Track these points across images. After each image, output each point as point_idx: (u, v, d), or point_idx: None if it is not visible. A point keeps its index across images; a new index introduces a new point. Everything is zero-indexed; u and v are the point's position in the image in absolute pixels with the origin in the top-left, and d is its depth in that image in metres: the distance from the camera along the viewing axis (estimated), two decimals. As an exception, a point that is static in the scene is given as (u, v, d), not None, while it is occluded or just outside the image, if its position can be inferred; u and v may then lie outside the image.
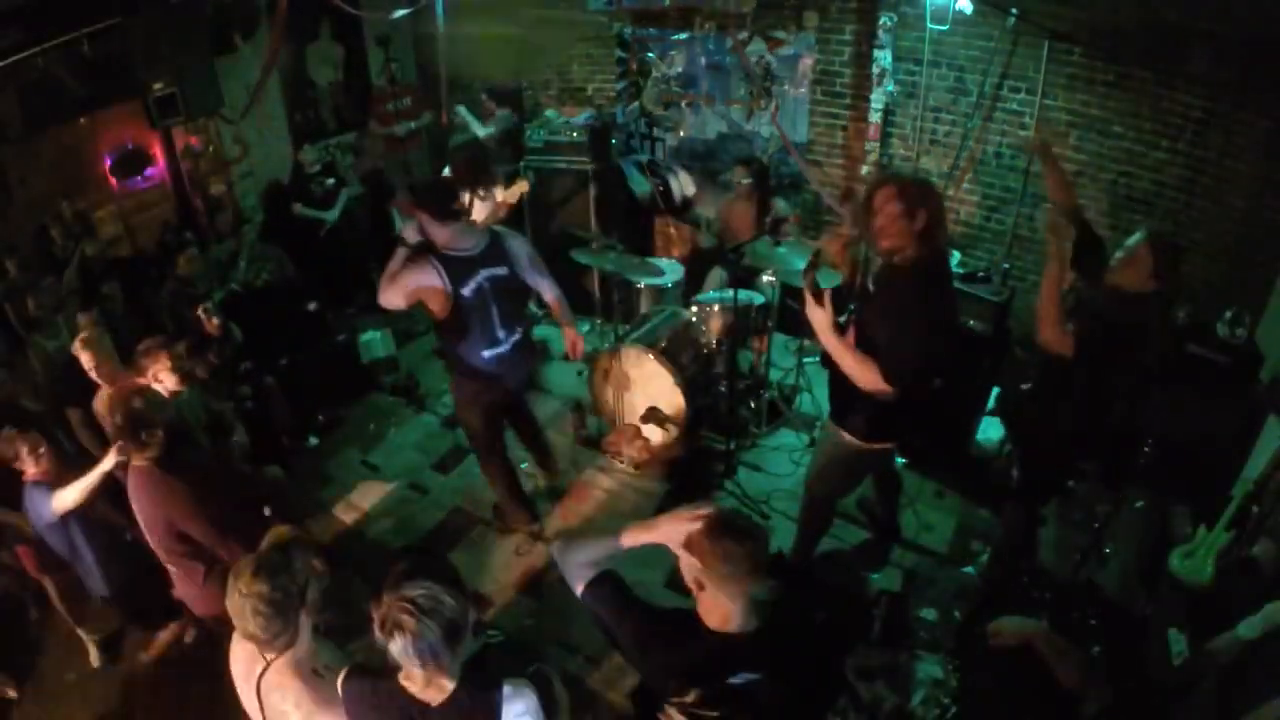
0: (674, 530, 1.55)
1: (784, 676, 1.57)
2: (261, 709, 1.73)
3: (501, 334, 2.94)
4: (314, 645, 1.79)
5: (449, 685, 1.51)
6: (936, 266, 2.49)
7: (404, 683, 1.52)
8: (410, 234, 2.81)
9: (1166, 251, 2.47)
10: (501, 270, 2.87)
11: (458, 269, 2.76)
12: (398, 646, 1.40)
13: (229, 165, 5.29)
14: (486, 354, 2.94)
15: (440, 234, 2.75)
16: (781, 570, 3.19)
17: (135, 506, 2.39)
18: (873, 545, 3.51)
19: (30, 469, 2.69)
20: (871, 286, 2.55)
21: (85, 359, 2.99)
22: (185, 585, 2.53)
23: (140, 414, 2.30)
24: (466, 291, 2.78)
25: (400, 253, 2.80)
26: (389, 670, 1.54)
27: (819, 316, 2.49)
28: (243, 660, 1.77)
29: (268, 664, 1.70)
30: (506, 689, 1.54)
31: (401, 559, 1.52)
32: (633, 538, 1.65)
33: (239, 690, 1.82)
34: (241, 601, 1.62)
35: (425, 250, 2.77)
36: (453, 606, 1.43)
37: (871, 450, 2.72)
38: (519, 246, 3.00)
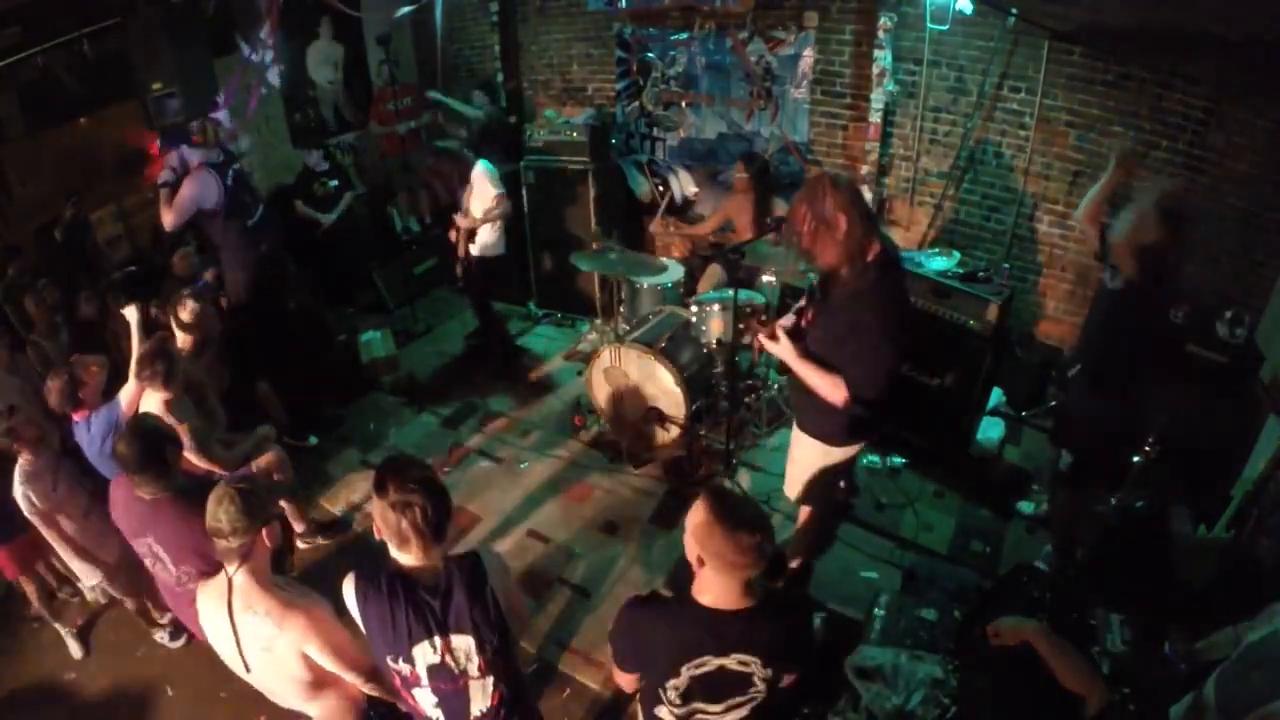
0: None
1: (777, 657, 1.59)
2: (237, 639, 1.86)
3: (253, 209, 4.11)
4: (268, 567, 1.94)
5: (439, 558, 1.68)
6: (882, 270, 2.31)
7: (400, 562, 1.67)
8: (166, 175, 3.82)
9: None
10: (239, 166, 4.11)
11: (219, 169, 3.91)
12: (408, 521, 1.58)
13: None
14: (250, 223, 4.07)
15: (195, 157, 3.88)
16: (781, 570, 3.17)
17: (155, 537, 2.26)
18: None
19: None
20: (819, 295, 2.48)
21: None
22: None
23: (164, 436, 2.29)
24: (228, 182, 3.92)
25: (172, 187, 3.81)
26: (384, 561, 1.70)
27: (780, 349, 2.43)
28: (212, 601, 1.89)
29: (232, 587, 1.83)
30: (479, 549, 1.78)
31: (388, 463, 1.67)
32: None
33: (212, 638, 1.95)
34: (221, 493, 1.81)
35: (188, 172, 3.86)
36: (443, 485, 1.66)
37: (846, 452, 2.68)
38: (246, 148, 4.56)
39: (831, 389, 2.35)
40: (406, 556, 1.65)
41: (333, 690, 2.00)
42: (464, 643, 1.69)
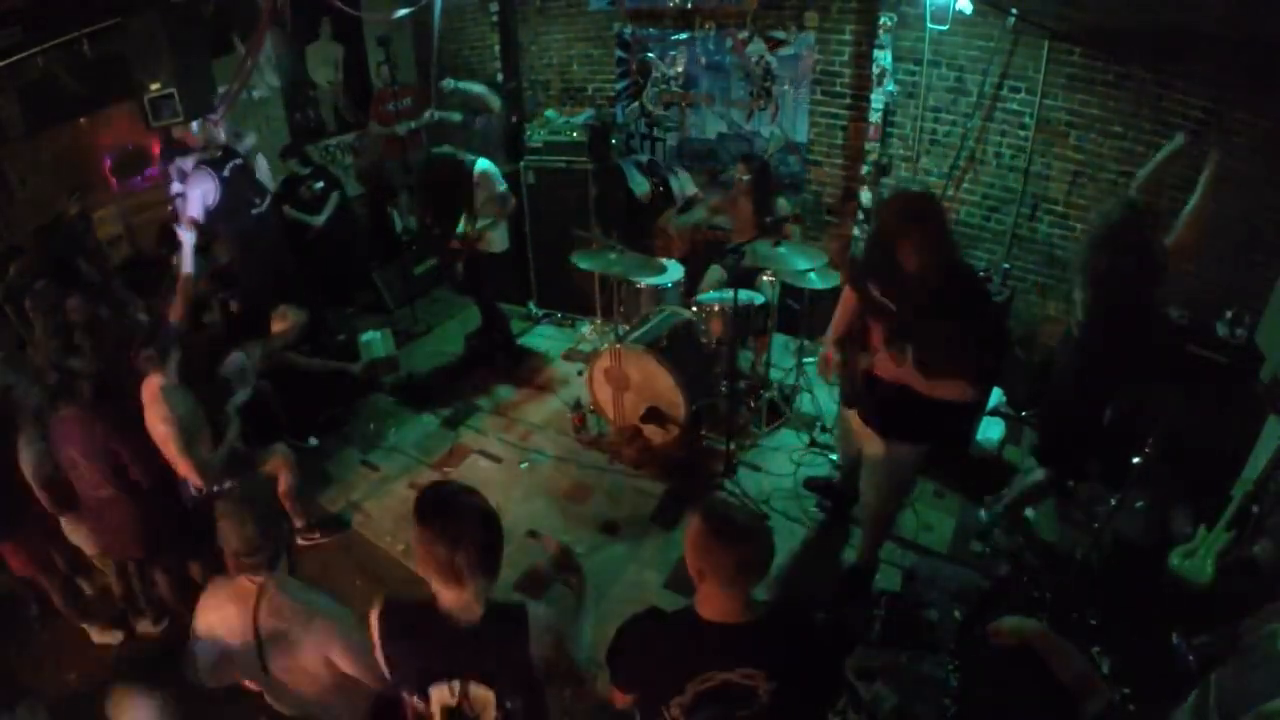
0: None
1: (782, 671, 1.58)
2: (258, 642, 1.87)
3: (255, 199, 4.30)
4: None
5: (481, 607, 1.57)
6: (961, 268, 2.58)
7: (441, 597, 1.58)
8: (176, 187, 4.04)
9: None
10: (239, 161, 4.25)
11: (214, 166, 4.08)
12: (461, 557, 1.48)
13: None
14: (254, 213, 4.26)
15: (189, 162, 4.03)
16: (856, 581, 3.24)
17: (73, 445, 2.72)
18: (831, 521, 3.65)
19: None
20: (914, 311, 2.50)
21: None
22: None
23: None
24: (226, 174, 4.09)
25: (176, 191, 4.06)
26: (425, 599, 1.61)
27: (908, 373, 2.49)
28: (233, 609, 1.91)
29: (259, 595, 1.87)
30: (529, 603, 1.65)
31: (437, 488, 1.60)
32: None
33: (226, 641, 1.94)
34: (237, 517, 1.82)
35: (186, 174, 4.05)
36: (496, 514, 1.57)
37: (922, 451, 2.85)
38: (243, 144, 4.46)
39: (953, 388, 2.44)
40: (451, 593, 1.56)
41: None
42: (483, 695, 1.60)
